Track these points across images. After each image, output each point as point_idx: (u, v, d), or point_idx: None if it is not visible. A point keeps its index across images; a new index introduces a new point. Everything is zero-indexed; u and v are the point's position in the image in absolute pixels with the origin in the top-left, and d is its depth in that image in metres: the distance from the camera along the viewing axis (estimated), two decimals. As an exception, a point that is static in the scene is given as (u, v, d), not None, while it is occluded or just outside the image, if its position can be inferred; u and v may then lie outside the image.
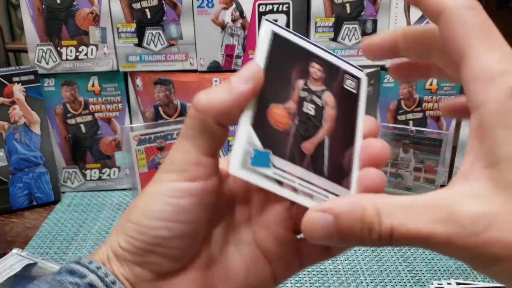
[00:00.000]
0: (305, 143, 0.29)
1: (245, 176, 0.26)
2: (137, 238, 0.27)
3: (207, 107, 0.26)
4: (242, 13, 0.79)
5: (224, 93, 0.26)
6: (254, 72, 0.26)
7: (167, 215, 0.26)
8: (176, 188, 0.27)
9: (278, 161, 0.27)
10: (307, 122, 0.29)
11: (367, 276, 0.65)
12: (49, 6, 0.78)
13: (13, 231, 0.77)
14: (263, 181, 0.26)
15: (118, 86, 0.84)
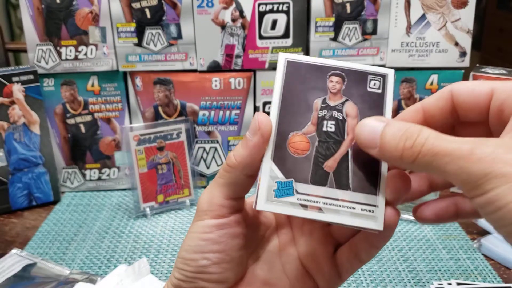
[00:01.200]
0: (328, 162, 0.31)
1: (270, 208, 0.30)
2: (184, 269, 0.33)
3: (236, 164, 0.31)
4: (242, 12, 0.79)
5: (243, 149, 0.31)
6: (260, 123, 0.30)
7: (202, 248, 0.32)
8: (205, 225, 0.33)
9: (301, 187, 0.30)
10: (328, 140, 0.31)
11: (367, 277, 0.65)
12: (49, 5, 0.78)
13: (13, 231, 0.77)
14: (288, 209, 0.29)
15: (118, 86, 0.83)
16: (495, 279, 0.64)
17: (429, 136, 0.26)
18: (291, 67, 0.32)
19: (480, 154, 0.24)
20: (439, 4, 0.79)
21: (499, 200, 0.23)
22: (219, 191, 0.32)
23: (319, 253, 0.35)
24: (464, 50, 0.81)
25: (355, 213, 0.30)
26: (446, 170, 0.25)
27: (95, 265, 0.68)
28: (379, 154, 0.29)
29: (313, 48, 0.80)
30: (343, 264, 0.35)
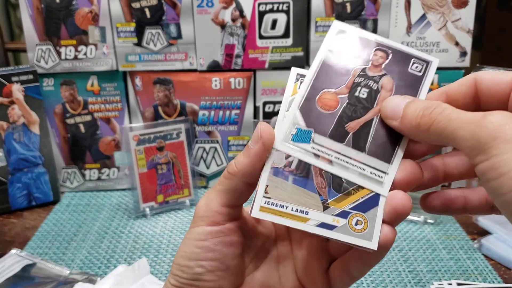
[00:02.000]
0: (351, 123, 0.32)
1: (284, 148, 0.30)
2: (179, 276, 0.33)
3: (236, 171, 0.32)
4: (242, 12, 0.79)
5: (244, 158, 0.31)
6: (262, 132, 0.31)
7: (197, 255, 0.32)
8: (199, 232, 0.32)
9: (318, 138, 0.31)
10: (357, 105, 0.32)
11: (368, 277, 0.65)
12: (48, 5, 0.78)
13: (12, 232, 0.77)
14: (300, 154, 0.31)
15: (118, 85, 0.83)
16: (495, 279, 0.64)
17: (446, 107, 0.28)
18: (341, 34, 0.34)
19: (492, 119, 0.25)
20: (439, 4, 0.79)
21: (503, 166, 0.23)
22: (216, 197, 0.33)
23: (313, 267, 0.35)
24: (464, 50, 0.81)
25: (363, 174, 0.31)
26: (458, 136, 0.26)
27: (95, 265, 0.68)
28: (399, 125, 0.30)
29: (313, 48, 0.80)
30: (336, 280, 0.35)
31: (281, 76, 0.82)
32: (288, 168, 0.31)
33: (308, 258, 0.35)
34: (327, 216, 0.30)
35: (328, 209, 0.30)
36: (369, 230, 0.30)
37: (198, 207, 0.33)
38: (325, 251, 0.35)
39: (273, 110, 0.84)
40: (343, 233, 0.30)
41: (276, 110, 0.83)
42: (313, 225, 0.30)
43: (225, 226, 0.33)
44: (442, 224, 0.77)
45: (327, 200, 0.30)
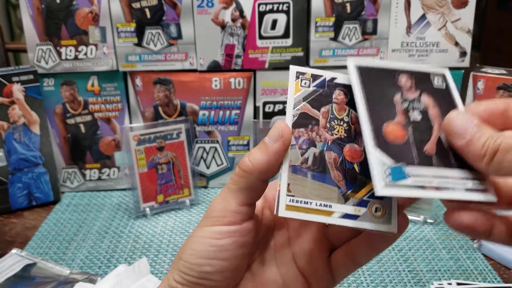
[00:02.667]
0: (426, 146, 0.32)
1: (392, 192, 0.29)
2: (187, 273, 0.33)
3: (252, 169, 0.31)
4: (242, 12, 0.79)
5: (262, 155, 0.31)
6: (282, 130, 0.31)
7: (208, 254, 0.32)
8: (215, 231, 0.32)
9: (412, 170, 0.31)
10: (419, 128, 0.32)
11: (367, 277, 0.65)
12: (49, 5, 0.78)
13: (13, 231, 0.77)
14: (408, 192, 0.30)
15: (118, 86, 0.83)
16: (495, 279, 0.64)
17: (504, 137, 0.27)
18: (363, 72, 0.34)
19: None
20: (439, 4, 0.79)
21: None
22: (233, 197, 0.32)
23: (314, 255, 0.35)
24: (464, 50, 0.81)
25: (469, 188, 0.31)
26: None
27: (95, 265, 0.68)
28: (465, 147, 0.29)
29: (313, 48, 0.80)
30: (338, 267, 0.35)
31: (281, 76, 0.82)
32: (305, 165, 0.32)
33: (308, 245, 0.35)
34: (349, 207, 0.31)
35: (348, 200, 0.31)
36: (387, 215, 0.31)
37: (214, 208, 0.33)
38: (325, 238, 0.36)
39: (273, 110, 0.84)
40: (366, 221, 0.31)
41: (276, 110, 0.84)
42: (338, 217, 0.31)
43: (242, 226, 0.32)
44: (442, 224, 0.77)
45: (346, 192, 0.32)
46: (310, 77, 0.34)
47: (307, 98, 0.33)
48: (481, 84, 0.78)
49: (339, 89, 0.34)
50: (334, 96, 0.34)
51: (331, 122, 0.33)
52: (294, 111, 0.32)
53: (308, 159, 0.32)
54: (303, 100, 0.33)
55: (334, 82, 0.34)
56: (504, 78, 0.76)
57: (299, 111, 0.33)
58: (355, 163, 0.32)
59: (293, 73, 0.34)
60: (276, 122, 0.31)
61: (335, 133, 0.33)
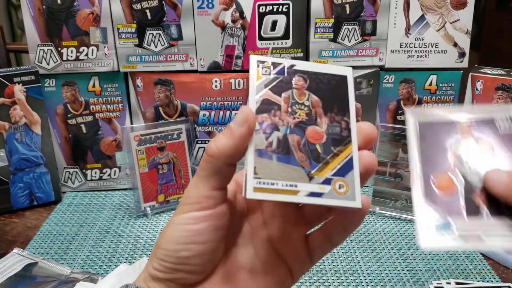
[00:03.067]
0: (480, 197, 0.32)
1: (435, 244, 0.31)
2: (165, 260, 0.33)
3: (217, 153, 0.32)
4: (242, 13, 0.79)
5: (227, 139, 0.31)
6: (247, 115, 0.32)
7: (185, 239, 0.33)
8: (190, 217, 0.33)
9: (458, 221, 0.31)
10: (472, 176, 0.33)
11: (366, 276, 0.65)
12: (50, 6, 0.79)
13: (14, 231, 0.78)
14: (451, 243, 0.31)
15: (119, 86, 0.84)
16: (493, 278, 0.65)
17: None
18: (422, 127, 0.35)
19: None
20: (438, 5, 0.79)
21: None
22: (204, 183, 0.33)
23: (291, 235, 0.36)
24: (463, 51, 0.81)
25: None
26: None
27: (96, 264, 0.69)
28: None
29: (312, 49, 0.81)
30: (315, 248, 0.36)
31: (281, 77, 0.82)
32: (270, 148, 0.33)
33: (284, 227, 0.36)
34: (314, 186, 0.32)
35: (313, 179, 0.32)
36: (351, 191, 0.32)
37: (187, 195, 0.34)
38: (300, 218, 0.36)
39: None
40: (331, 198, 0.32)
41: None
42: (304, 196, 0.32)
43: (215, 210, 0.33)
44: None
45: (310, 171, 0.33)
46: (270, 65, 0.35)
47: (269, 85, 0.34)
48: (480, 84, 0.78)
49: (298, 75, 0.35)
50: (294, 82, 0.35)
51: (292, 107, 0.34)
52: (257, 97, 0.33)
53: (273, 142, 0.33)
54: (264, 87, 0.34)
55: (293, 69, 0.35)
56: (503, 79, 0.76)
57: (262, 98, 0.34)
58: (317, 143, 0.33)
59: (253, 62, 0.35)
60: (241, 107, 0.32)
61: (296, 116, 0.34)
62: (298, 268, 0.36)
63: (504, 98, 0.76)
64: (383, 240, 0.73)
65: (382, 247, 0.72)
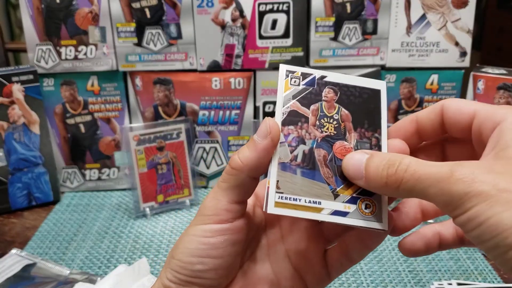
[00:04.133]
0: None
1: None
2: (179, 272, 0.33)
3: (241, 166, 0.31)
4: (242, 12, 0.79)
5: (251, 152, 0.31)
6: (270, 127, 0.31)
7: (200, 252, 0.32)
8: (207, 229, 0.32)
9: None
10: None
11: (368, 277, 0.65)
12: (48, 5, 0.78)
13: (12, 231, 0.77)
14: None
15: (118, 86, 0.83)
16: (495, 279, 0.64)
17: (410, 163, 0.28)
18: None
19: (459, 175, 0.25)
20: (439, 4, 0.79)
21: (479, 216, 0.24)
22: (224, 195, 0.32)
23: (310, 251, 0.35)
24: (464, 50, 0.81)
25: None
26: (429, 193, 0.26)
27: (95, 265, 0.68)
28: (366, 184, 0.30)
29: (313, 48, 0.80)
30: (333, 264, 0.35)
31: (281, 76, 0.82)
32: (294, 162, 0.32)
33: (302, 242, 0.35)
34: (339, 204, 0.31)
35: (338, 197, 0.31)
36: (378, 212, 0.31)
37: (205, 207, 0.33)
38: (320, 233, 0.36)
39: (273, 110, 0.84)
40: (356, 218, 0.31)
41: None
42: (327, 214, 0.31)
43: (233, 224, 0.32)
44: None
45: (336, 189, 0.32)
46: (299, 75, 0.34)
47: (297, 96, 0.33)
48: (481, 84, 0.77)
49: (328, 87, 0.34)
50: (324, 94, 0.34)
51: (320, 120, 0.33)
52: (284, 109, 0.33)
53: (298, 156, 0.32)
54: (292, 98, 0.33)
55: (324, 81, 0.34)
56: (504, 78, 0.75)
57: (289, 109, 0.33)
58: None
59: (282, 72, 0.34)
60: (265, 119, 0.32)
61: (324, 130, 0.33)
62: (315, 284, 0.36)
63: (505, 98, 0.76)
64: (385, 241, 0.73)
65: (383, 247, 0.71)
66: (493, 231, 0.24)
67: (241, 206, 0.33)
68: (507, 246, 0.23)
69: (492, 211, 0.24)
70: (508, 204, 0.24)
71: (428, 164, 0.27)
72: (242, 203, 0.33)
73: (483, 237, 0.24)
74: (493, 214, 0.24)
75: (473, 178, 0.25)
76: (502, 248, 0.24)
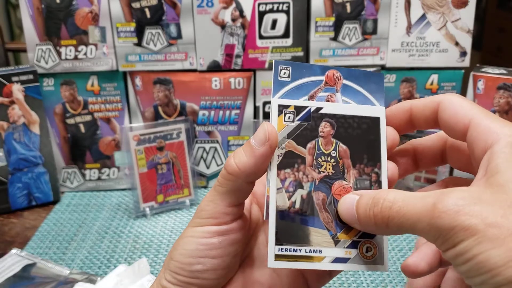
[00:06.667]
0: None
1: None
2: (178, 273, 0.33)
3: (237, 171, 0.31)
4: (242, 12, 0.79)
5: (248, 158, 0.30)
6: (269, 134, 0.30)
7: (199, 253, 0.32)
8: (205, 231, 0.32)
9: None
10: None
11: (368, 277, 0.65)
12: (48, 5, 0.78)
13: (12, 231, 0.77)
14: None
15: (118, 85, 0.83)
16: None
17: (394, 199, 0.27)
18: None
19: (443, 208, 0.25)
20: (439, 4, 0.79)
21: (467, 252, 0.24)
22: (221, 199, 0.32)
23: None
24: (464, 50, 0.81)
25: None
26: (417, 228, 0.26)
27: (95, 265, 0.68)
28: (361, 227, 0.30)
29: (313, 48, 0.80)
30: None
31: (281, 76, 0.82)
32: (293, 209, 0.31)
33: None
34: (340, 250, 0.31)
35: (339, 243, 0.31)
36: (379, 254, 0.31)
37: (203, 209, 0.33)
38: None
39: (273, 110, 0.84)
40: (357, 263, 0.31)
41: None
42: (328, 262, 0.31)
43: (231, 225, 0.32)
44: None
45: (336, 234, 0.31)
46: (293, 110, 0.32)
47: (292, 135, 0.32)
48: (481, 84, 0.77)
49: (325, 121, 0.32)
50: (320, 129, 0.32)
51: (317, 159, 0.32)
52: (279, 150, 0.31)
53: (296, 202, 0.31)
54: (287, 137, 0.31)
55: (320, 113, 0.32)
56: (504, 78, 0.76)
57: (284, 150, 0.31)
58: None
59: (275, 108, 0.32)
60: (262, 123, 0.31)
61: (322, 170, 0.32)
62: (315, 280, 0.36)
63: (505, 98, 0.76)
64: (384, 241, 0.73)
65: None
66: (481, 268, 0.23)
67: (238, 208, 0.33)
68: (494, 284, 0.23)
69: (480, 248, 0.23)
70: (497, 241, 0.23)
71: (413, 197, 0.27)
72: (240, 205, 0.33)
73: (470, 273, 0.24)
74: (481, 252, 0.23)
75: (458, 210, 0.24)
76: (489, 286, 0.23)
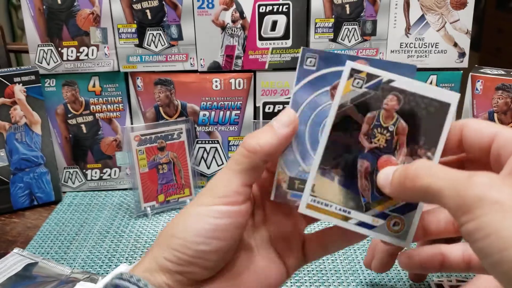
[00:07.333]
0: None
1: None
2: (180, 251, 0.31)
3: (258, 150, 0.31)
4: (242, 13, 0.79)
5: (271, 138, 0.31)
6: (292, 118, 0.31)
7: (206, 233, 0.31)
8: (215, 210, 0.31)
9: None
10: None
11: (367, 276, 0.65)
12: (50, 6, 0.79)
13: (14, 231, 0.78)
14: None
15: (119, 86, 0.84)
16: (493, 278, 0.65)
17: (431, 165, 0.28)
18: None
19: (477, 180, 0.24)
20: (438, 5, 0.79)
21: (488, 226, 0.23)
22: (237, 177, 0.32)
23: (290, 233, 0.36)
24: (463, 51, 0.81)
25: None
26: (443, 194, 0.25)
27: (96, 264, 0.69)
28: (390, 191, 0.30)
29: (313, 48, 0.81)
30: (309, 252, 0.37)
31: (281, 77, 0.82)
32: (335, 169, 0.32)
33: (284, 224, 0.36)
34: (368, 217, 0.32)
35: (369, 210, 0.32)
36: (405, 231, 0.32)
37: (216, 186, 0.32)
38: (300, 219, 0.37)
39: (273, 110, 0.84)
40: (381, 233, 0.32)
41: (276, 110, 0.84)
42: (353, 224, 0.32)
43: (241, 207, 0.32)
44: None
45: (369, 202, 0.32)
46: (365, 76, 0.31)
47: (356, 100, 0.31)
48: (480, 84, 0.78)
49: (393, 94, 0.31)
50: (385, 102, 0.31)
51: (374, 130, 0.31)
52: (338, 112, 0.31)
53: (339, 163, 0.32)
54: (350, 102, 0.31)
55: (390, 85, 0.31)
56: (503, 79, 0.76)
57: (343, 113, 0.31)
58: None
59: (347, 70, 0.31)
60: (286, 109, 0.32)
61: (375, 141, 0.31)
62: (293, 265, 0.37)
63: (504, 98, 0.76)
64: (383, 240, 0.73)
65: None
66: (501, 244, 0.22)
67: (249, 189, 0.33)
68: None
69: (505, 224, 0.22)
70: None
71: (448, 169, 0.27)
72: (251, 186, 0.33)
73: (488, 250, 0.23)
74: (505, 227, 0.22)
75: (491, 185, 0.24)
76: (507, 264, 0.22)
